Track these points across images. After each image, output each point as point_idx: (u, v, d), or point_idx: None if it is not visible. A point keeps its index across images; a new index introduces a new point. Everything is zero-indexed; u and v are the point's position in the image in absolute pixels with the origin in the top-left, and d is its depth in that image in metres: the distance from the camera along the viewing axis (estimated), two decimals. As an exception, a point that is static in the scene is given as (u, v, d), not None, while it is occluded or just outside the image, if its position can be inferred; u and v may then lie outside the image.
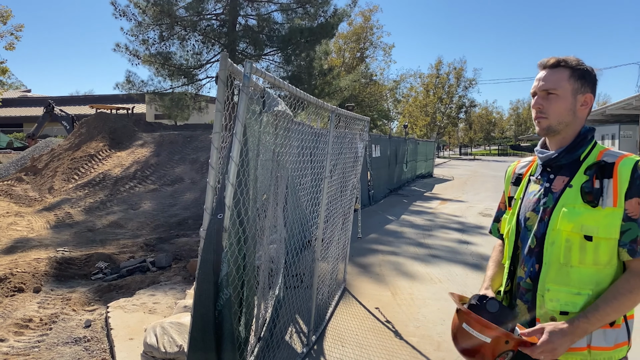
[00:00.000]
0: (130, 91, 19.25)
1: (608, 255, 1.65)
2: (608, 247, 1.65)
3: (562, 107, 1.75)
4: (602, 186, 1.65)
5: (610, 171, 1.66)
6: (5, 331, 4.90)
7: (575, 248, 1.67)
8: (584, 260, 1.66)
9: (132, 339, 4.54)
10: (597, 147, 1.77)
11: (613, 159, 1.68)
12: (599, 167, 1.68)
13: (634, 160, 1.66)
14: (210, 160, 2.27)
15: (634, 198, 1.63)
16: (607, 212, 1.64)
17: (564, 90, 1.74)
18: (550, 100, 1.76)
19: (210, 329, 2.34)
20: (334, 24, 19.36)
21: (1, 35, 25.86)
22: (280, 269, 4.40)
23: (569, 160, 1.76)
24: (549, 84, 1.76)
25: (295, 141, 3.93)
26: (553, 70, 1.78)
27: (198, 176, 15.45)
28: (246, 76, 2.36)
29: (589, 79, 1.77)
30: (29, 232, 10.22)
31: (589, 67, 1.79)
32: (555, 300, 1.70)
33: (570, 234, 1.67)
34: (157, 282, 6.46)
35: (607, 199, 1.64)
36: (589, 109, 1.79)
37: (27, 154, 22.72)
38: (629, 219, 1.63)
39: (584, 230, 1.65)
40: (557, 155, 1.78)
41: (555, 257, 1.70)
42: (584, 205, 1.66)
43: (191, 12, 17.96)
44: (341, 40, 39.43)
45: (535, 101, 1.79)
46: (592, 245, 1.65)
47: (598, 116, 39.92)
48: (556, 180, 1.77)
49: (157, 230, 10.50)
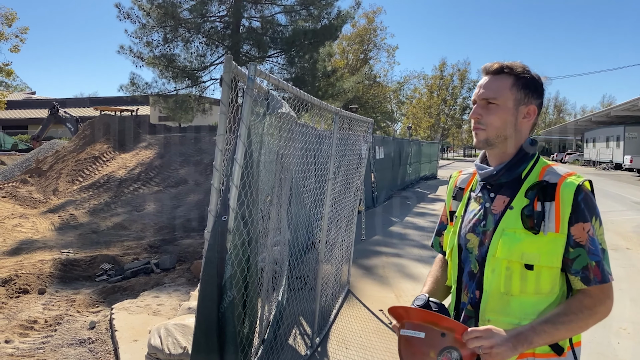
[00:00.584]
0: (135, 93, 19.31)
1: (550, 284, 1.53)
2: (550, 275, 1.53)
3: (502, 118, 1.59)
4: (544, 210, 1.52)
5: (552, 193, 1.52)
6: (10, 332, 4.92)
7: (515, 277, 1.54)
8: (525, 289, 1.54)
9: (137, 340, 4.55)
10: (540, 162, 1.63)
11: (555, 179, 1.54)
12: (540, 188, 1.54)
13: (576, 182, 1.52)
14: (215, 162, 2.28)
15: (579, 223, 1.50)
16: (549, 239, 1.50)
17: (505, 100, 1.59)
18: (490, 110, 1.60)
19: (213, 331, 2.35)
20: (337, 25, 19.38)
21: (6, 38, 26.00)
22: (284, 270, 4.41)
23: (509, 178, 1.61)
24: (489, 92, 1.61)
25: (299, 143, 3.94)
26: (495, 77, 1.63)
27: (202, 178, 15.47)
28: (250, 78, 2.36)
29: (534, 88, 1.62)
30: (34, 234, 10.26)
31: (535, 74, 1.64)
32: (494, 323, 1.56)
33: (511, 262, 1.54)
34: (161, 283, 6.47)
35: (550, 224, 1.50)
36: (532, 122, 1.64)
37: (32, 156, 22.80)
38: (577, 245, 1.50)
39: (525, 259, 1.52)
40: (496, 172, 1.63)
41: (495, 286, 1.57)
42: (525, 232, 1.52)
43: (195, 14, 18.01)
44: (345, 42, 39.44)
45: (473, 110, 1.65)
46: (534, 274, 1.53)
47: (603, 117, 39.83)
48: (496, 200, 1.62)
49: (161, 232, 10.53)
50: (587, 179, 1.56)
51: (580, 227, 1.50)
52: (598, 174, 31.01)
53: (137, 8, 17.88)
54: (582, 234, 1.50)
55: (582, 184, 1.52)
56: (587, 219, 1.50)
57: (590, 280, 1.50)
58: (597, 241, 1.51)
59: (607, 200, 15.39)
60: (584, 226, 1.50)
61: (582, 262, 1.50)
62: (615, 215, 12.07)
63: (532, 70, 1.64)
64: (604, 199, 15.93)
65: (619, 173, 32.40)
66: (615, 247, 8.38)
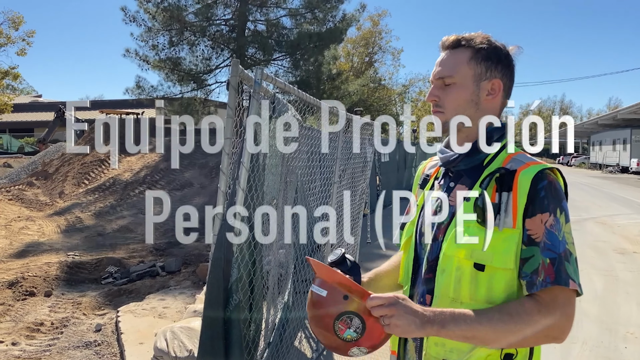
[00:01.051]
0: (140, 96, 19.39)
1: (505, 292, 1.29)
2: (504, 279, 1.28)
3: (461, 98, 1.38)
4: (501, 201, 1.28)
5: (510, 182, 1.29)
6: (17, 335, 4.94)
7: (465, 280, 1.32)
8: (476, 296, 1.30)
9: (142, 343, 4.56)
10: (508, 148, 1.40)
11: (516, 167, 1.32)
12: (499, 176, 1.31)
13: (537, 168, 1.30)
14: (222, 165, 2.28)
15: (536, 215, 1.26)
16: (505, 236, 1.27)
17: (463, 77, 1.38)
18: (448, 90, 1.40)
19: (219, 334, 2.35)
20: (342, 29, 19.42)
21: (13, 41, 26.22)
22: (290, 274, 4.41)
23: (469, 165, 1.40)
24: (445, 69, 1.40)
25: (305, 146, 3.94)
26: (452, 52, 1.42)
27: (207, 181, 15.51)
28: (257, 82, 2.37)
29: (497, 60, 1.40)
30: (40, 236, 10.30)
31: (500, 44, 1.42)
32: (440, 345, 1.35)
33: (462, 261, 1.32)
34: (166, 286, 6.49)
35: (506, 218, 1.27)
36: (498, 99, 1.42)
37: (38, 159, 22.91)
38: (530, 242, 1.26)
39: (475, 257, 1.29)
40: (455, 158, 1.42)
41: (444, 290, 1.35)
42: (479, 226, 1.30)
43: (200, 17, 18.08)
44: (350, 45, 39.48)
45: (430, 92, 1.44)
46: (485, 277, 1.29)
47: (609, 120, 39.70)
48: (455, 190, 1.41)
49: (166, 234, 10.54)
50: (554, 167, 1.34)
51: (537, 220, 1.26)
52: (604, 177, 30.87)
53: (143, 11, 17.98)
54: (539, 227, 1.26)
55: (544, 170, 1.30)
56: (546, 209, 1.26)
57: (534, 284, 1.24)
58: (559, 237, 1.25)
59: (613, 204, 15.31)
60: (541, 218, 1.26)
61: (534, 263, 1.25)
62: (622, 219, 12.01)
63: (497, 40, 1.43)
64: (611, 202, 15.85)
65: (626, 176, 32.24)
66: (622, 251, 8.33)
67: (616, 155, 39.77)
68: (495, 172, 1.33)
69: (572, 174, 34.11)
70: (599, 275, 6.80)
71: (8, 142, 38.84)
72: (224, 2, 18.63)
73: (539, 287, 1.24)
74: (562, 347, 4.44)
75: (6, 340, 4.79)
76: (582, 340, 4.60)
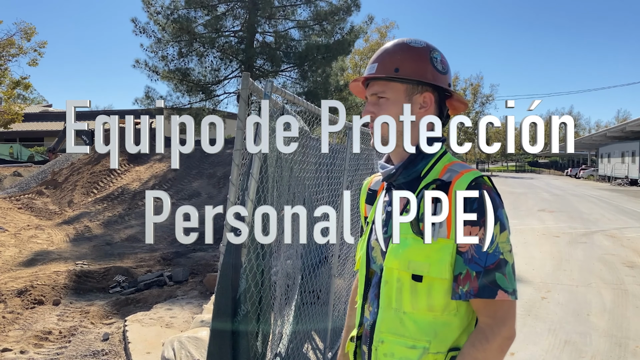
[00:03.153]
0: (149, 106, 19.55)
1: (444, 300, 1.33)
2: (442, 288, 1.32)
3: (395, 113, 1.37)
4: (436, 212, 1.29)
5: (446, 193, 1.30)
6: (25, 343, 4.96)
7: (406, 290, 1.36)
8: (417, 305, 1.34)
9: (150, 352, 4.58)
10: (445, 158, 1.42)
11: (452, 178, 1.34)
12: (436, 187, 1.34)
13: (471, 176, 1.32)
14: (231, 177, 2.31)
15: (466, 226, 1.27)
16: (439, 246, 1.30)
17: (395, 92, 1.41)
18: (381, 105, 1.42)
19: (227, 345, 2.36)
20: (350, 40, 19.52)
21: (25, 52, 26.53)
22: (297, 285, 4.41)
23: (408, 177, 1.42)
24: (378, 85, 1.44)
25: (313, 157, 3.97)
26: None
27: (215, 191, 15.57)
28: (267, 95, 2.40)
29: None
30: (49, 245, 10.37)
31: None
32: (389, 355, 1.39)
33: (401, 273, 1.36)
34: (174, 296, 6.51)
35: (441, 229, 1.29)
36: (431, 111, 1.44)
37: (48, 168, 23.12)
38: (457, 252, 1.30)
39: (412, 269, 1.33)
40: (394, 172, 1.44)
41: (388, 301, 1.40)
42: (415, 237, 1.32)
43: (210, 29, 18.26)
44: (357, 57, 39.68)
45: (365, 108, 1.46)
46: (424, 287, 1.33)
47: (618, 132, 39.48)
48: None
49: (174, 244, 10.59)
50: (486, 175, 1.35)
51: (465, 231, 1.27)
52: (613, 190, 30.67)
53: (153, 23, 18.20)
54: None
55: (479, 179, 1.32)
56: (476, 223, 1.28)
57: (457, 292, 1.30)
58: (488, 251, 1.28)
59: (622, 217, 15.20)
60: (470, 230, 1.27)
61: (455, 270, 1.30)
62: (631, 232, 11.92)
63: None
64: (620, 215, 15.74)
65: (635, 189, 32.01)
66: (632, 264, 8.26)
67: (625, 167, 39.51)
68: (432, 183, 1.36)
69: (581, 187, 33.91)
70: (608, 288, 6.75)
71: (18, 151, 39.23)
72: (233, 14, 18.83)
73: (462, 297, 1.29)
74: (571, 361, 4.41)
75: (15, 349, 4.82)
76: (590, 354, 4.56)
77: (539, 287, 6.75)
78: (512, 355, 4.45)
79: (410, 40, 1.46)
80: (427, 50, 1.44)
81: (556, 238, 10.96)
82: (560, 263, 8.39)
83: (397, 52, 1.44)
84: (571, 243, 10.36)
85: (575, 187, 32.60)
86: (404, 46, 1.44)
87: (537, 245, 10.08)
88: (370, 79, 1.46)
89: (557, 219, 14.35)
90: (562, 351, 4.62)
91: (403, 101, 1.40)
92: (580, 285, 6.89)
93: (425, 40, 1.49)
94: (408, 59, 1.42)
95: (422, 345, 1.34)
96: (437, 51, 1.46)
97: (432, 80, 1.42)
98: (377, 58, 1.47)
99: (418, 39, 1.47)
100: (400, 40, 1.47)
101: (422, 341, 1.34)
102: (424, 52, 1.43)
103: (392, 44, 1.47)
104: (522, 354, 4.53)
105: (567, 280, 7.19)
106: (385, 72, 1.43)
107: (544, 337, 4.95)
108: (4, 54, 26.02)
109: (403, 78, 1.41)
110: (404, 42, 1.45)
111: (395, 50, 1.44)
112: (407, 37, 1.48)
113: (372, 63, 1.48)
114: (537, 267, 7.88)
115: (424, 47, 1.44)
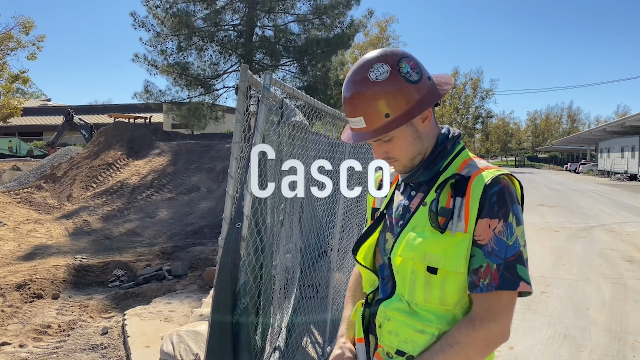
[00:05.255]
0: (148, 101, 19.52)
1: (457, 294, 1.34)
2: (457, 283, 1.33)
3: (406, 143, 1.40)
4: (454, 206, 1.32)
5: (464, 188, 1.33)
6: (24, 337, 4.96)
7: (419, 283, 1.36)
8: (430, 298, 1.35)
9: (149, 346, 4.58)
10: (462, 155, 1.45)
11: (471, 173, 1.37)
12: (454, 182, 1.35)
13: (490, 174, 1.34)
14: (230, 170, 2.29)
15: (484, 219, 1.30)
16: (457, 240, 1.31)
17: (397, 131, 1.38)
18: (390, 144, 1.41)
19: (227, 338, 2.35)
20: (350, 34, 19.47)
21: (24, 46, 26.47)
22: (296, 278, 4.41)
23: (429, 176, 1.44)
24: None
25: (312, 151, 3.95)
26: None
27: (214, 185, 15.56)
28: (266, 88, 2.39)
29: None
30: (48, 239, 10.37)
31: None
32: (394, 334, 1.40)
33: (416, 265, 1.36)
34: (173, 290, 6.51)
35: (459, 223, 1.31)
36: (432, 117, 1.44)
37: (47, 162, 23.11)
38: (475, 244, 1.31)
39: (428, 261, 1.33)
40: (415, 171, 1.45)
41: (400, 292, 1.41)
42: (432, 230, 1.34)
43: (209, 23, 18.20)
44: (357, 51, 39.56)
45: (375, 152, 1.46)
46: (438, 280, 1.34)
47: (617, 127, 39.45)
48: (415, 198, 1.45)
49: (173, 238, 10.59)
50: (508, 173, 1.37)
51: (484, 224, 1.30)
52: (613, 185, 30.68)
53: (152, 17, 18.13)
54: (485, 231, 1.30)
55: (498, 176, 1.33)
56: (495, 215, 1.30)
57: (476, 286, 1.30)
58: (508, 243, 1.30)
59: (622, 212, 15.21)
60: (489, 223, 1.30)
61: (475, 263, 1.31)
62: (630, 227, 11.92)
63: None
64: (619, 209, 15.74)
65: (634, 184, 32.02)
66: (631, 259, 8.27)
67: (624, 162, 39.51)
68: (451, 177, 1.37)
69: (580, 182, 33.92)
70: (607, 283, 6.75)
71: (17, 146, 39.20)
72: (232, 8, 18.76)
73: (483, 290, 1.29)
74: (570, 356, 4.41)
75: (13, 342, 4.82)
76: (590, 348, 4.57)
77: (538, 281, 6.75)
78: (511, 350, 4.46)
79: (374, 70, 1.33)
80: (396, 72, 1.32)
81: (556, 233, 10.97)
82: (559, 258, 8.40)
83: (374, 96, 1.33)
84: (571, 238, 10.36)
85: (575, 182, 32.61)
86: (375, 85, 1.32)
87: (536, 240, 10.09)
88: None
89: (556, 214, 14.36)
90: (562, 345, 4.63)
91: (407, 131, 1.40)
92: (580, 280, 6.90)
93: (382, 48, 1.42)
94: (388, 96, 1.33)
95: (431, 331, 1.35)
96: (401, 60, 1.34)
97: (420, 99, 1.35)
98: (357, 109, 1.37)
99: (374, 59, 1.35)
100: (363, 77, 1.34)
101: (432, 328, 1.35)
102: (395, 76, 1.32)
103: (360, 85, 1.34)
104: (521, 347, 4.54)
105: (567, 275, 7.19)
106: (379, 123, 1.36)
107: (543, 331, 4.95)
108: (2, 48, 25.95)
109: (399, 124, 1.34)
110: (371, 80, 1.33)
111: (372, 95, 1.33)
112: (360, 60, 1.37)
113: (354, 116, 1.38)
114: (536, 261, 7.88)
115: (390, 70, 1.32)
